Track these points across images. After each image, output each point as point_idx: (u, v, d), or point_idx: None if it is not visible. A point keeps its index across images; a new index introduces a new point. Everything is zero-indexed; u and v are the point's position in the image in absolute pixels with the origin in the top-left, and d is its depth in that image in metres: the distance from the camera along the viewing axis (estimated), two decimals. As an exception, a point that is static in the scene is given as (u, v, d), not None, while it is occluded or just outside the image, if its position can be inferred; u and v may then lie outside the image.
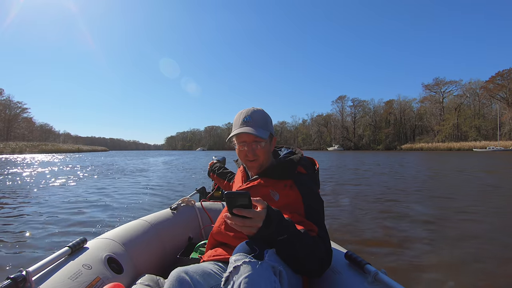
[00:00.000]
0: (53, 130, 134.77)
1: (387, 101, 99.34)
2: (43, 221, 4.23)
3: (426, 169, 14.06)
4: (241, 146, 1.25)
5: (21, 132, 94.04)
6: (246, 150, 1.24)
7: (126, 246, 1.52)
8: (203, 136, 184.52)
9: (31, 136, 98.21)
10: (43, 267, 1.10)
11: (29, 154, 50.85)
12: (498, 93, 71.46)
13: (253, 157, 1.24)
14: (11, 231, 3.78)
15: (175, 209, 2.08)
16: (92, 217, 4.52)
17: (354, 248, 3.14)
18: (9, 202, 5.92)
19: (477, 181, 9.15)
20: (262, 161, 1.27)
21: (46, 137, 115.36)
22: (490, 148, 56.05)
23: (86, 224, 4.11)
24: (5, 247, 3.15)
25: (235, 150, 1.30)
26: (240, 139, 1.25)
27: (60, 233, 3.70)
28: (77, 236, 1.53)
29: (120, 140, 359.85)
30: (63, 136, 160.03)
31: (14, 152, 58.63)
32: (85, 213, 4.81)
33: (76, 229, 3.89)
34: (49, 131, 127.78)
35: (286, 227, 0.98)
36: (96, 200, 6.19)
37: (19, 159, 30.59)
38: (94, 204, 5.61)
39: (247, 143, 1.24)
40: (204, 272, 1.03)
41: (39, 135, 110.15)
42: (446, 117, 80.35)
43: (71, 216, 4.57)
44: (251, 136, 1.21)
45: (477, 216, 4.54)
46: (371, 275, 1.06)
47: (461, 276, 2.54)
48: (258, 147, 1.23)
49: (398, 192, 7.03)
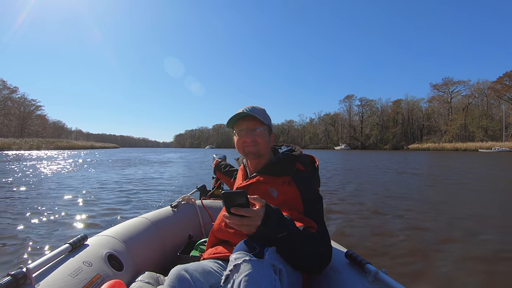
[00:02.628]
0: (66, 127, 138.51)
1: (395, 101, 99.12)
2: (45, 218, 4.26)
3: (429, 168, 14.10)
4: (240, 134, 1.27)
5: (35, 129, 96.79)
6: (245, 135, 1.26)
7: (126, 244, 1.53)
8: (211, 134, 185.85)
9: (44, 133, 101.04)
10: (44, 264, 1.11)
11: (46, 151, 52.53)
12: (505, 93, 70.77)
13: (252, 142, 1.25)
14: (11, 228, 3.76)
15: (176, 207, 2.09)
16: (93, 213, 4.57)
17: (355, 247, 3.10)
18: (17, 197, 6.05)
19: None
20: (261, 149, 1.27)
21: (58, 134, 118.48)
22: (495, 149, 55.66)
23: (87, 221, 4.12)
24: (6, 244, 3.15)
25: (233, 148, 1.28)
26: (239, 127, 1.27)
27: (61, 229, 3.70)
28: (78, 233, 1.57)
29: (130, 138, 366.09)
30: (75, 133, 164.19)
31: (32, 148, 60.21)
32: (88, 209, 4.89)
33: (77, 226, 3.89)
34: (61, 128, 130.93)
35: (285, 224, 0.98)
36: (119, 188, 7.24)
37: (43, 155, 32.70)
38: (104, 198, 5.84)
39: (246, 130, 1.26)
40: (204, 270, 1.04)
41: (52, 132, 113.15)
42: (454, 117, 79.86)
43: (74, 212, 4.65)
44: (251, 121, 1.25)
45: (481, 218, 4.51)
46: (371, 274, 1.05)
47: (463, 276, 2.51)
48: (257, 132, 1.25)
49: (399, 192, 7.03)
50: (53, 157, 27.24)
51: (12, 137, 76.11)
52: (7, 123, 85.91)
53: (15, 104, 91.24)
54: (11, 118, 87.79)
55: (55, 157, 27.15)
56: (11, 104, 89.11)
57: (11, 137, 75.89)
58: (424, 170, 13.89)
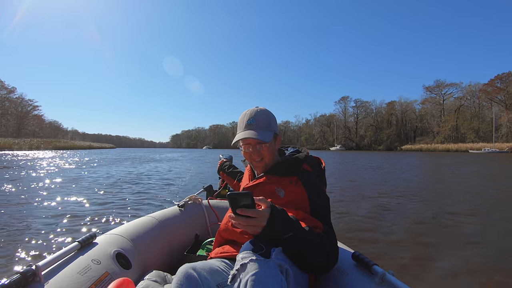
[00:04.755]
0: (62, 127, 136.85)
1: (389, 102, 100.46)
2: (54, 216, 4.32)
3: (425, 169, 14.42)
4: (246, 148, 1.28)
5: (32, 129, 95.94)
6: (251, 151, 1.27)
7: (134, 242, 1.54)
8: (207, 134, 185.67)
9: (41, 133, 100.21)
10: (53, 262, 1.11)
11: (47, 151, 52.74)
12: (496, 95, 72.43)
13: (258, 157, 1.27)
14: (21, 226, 3.80)
15: (183, 206, 2.10)
16: (102, 212, 4.64)
17: (361, 248, 3.11)
18: (25, 196, 6.10)
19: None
20: (268, 161, 1.29)
21: (55, 134, 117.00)
22: (485, 150, 56.67)
23: (96, 220, 4.16)
24: (16, 242, 3.18)
25: (239, 149, 1.31)
26: (245, 142, 1.28)
27: (71, 228, 3.73)
28: (87, 232, 1.47)
29: (126, 138, 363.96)
30: (71, 133, 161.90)
31: (31, 148, 60.00)
32: (96, 208, 4.94)
33: (86, 224, 3.92)
34: (58, 128, 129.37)
35: (291, 225, 0.98)
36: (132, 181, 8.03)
37: (45, 155, 33.10)
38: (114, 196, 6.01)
39: (251, 145, 1.26)
40: (211, 269, 1.04)
41: (49, 132, 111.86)
42: (446, 119, 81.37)
43: (83, 211, 4.70)
44: (255, 140, 1.24)
45: (488, 220, 4.51)
46: (378, 276, 1.05)
47: (470, 278, 2.50)
48: (262, 147, 1.26)
49: (404, 192, 7.08)
50: (57, 156, 28.18)
51: (9, 137, 75.43)
52: (4, 123, 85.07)
53: (13, 104, 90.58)
54: (8, 118, 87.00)
55: (60, 157, 27.90)
56: (8, 104, 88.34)
57: (9, 137, 75.23)
58: (422, 171, 14.04)
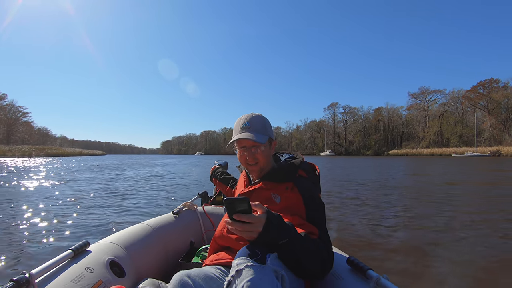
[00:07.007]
0: (50, 134, 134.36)
1: (376, 109, 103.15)
2: (47, 224, 4.25)
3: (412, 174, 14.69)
4: (242, 151, 1.28)
5: (21, 136, 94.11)
6: (246, 154, 1.27)
7: (128, 250, 1.52)
8: (199, 140, 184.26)
9: (30, 139, 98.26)
10: (46, 270, 1.10)
11: (40, 158, 51.66)
12: (479, 101, 75.63)
13: (253, 161, 1.27)
14: (15, 233, 3.75)
15: (177, 213, 2.08)
16: (95, 220, 4.56)
17: (356, 253, 3.10)
18: (16, 203, 6.00)
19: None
20: (263, 165, 1.29)
21: (44, 141, 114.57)
22: (467, 154, 58.59)
23: (89, 227, 4.09)
24: (9, 250, 3.13)
25: (232, 155, 1.31)
26: (240, 144, 1.29)
27: (63, 236, 3.69)
28: (80, 239, 1.49)
29: (116, 144, 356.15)
30: (60, 139, 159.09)
31: (24, 155, 58.90)
32: (90, 215, 4.86)
33: (79, 232, 3.87)
34: (46, 135, 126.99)
35: (287, 230, 0.98)
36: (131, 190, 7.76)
37: (39, 162, 32.22)
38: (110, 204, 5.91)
39: (247, 148, 1.27)
40: (206, 276, 1.04)
41: (38, 138, 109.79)
42: (430, 124, 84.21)
43: (75, 219, 4.59)
44: (250, 141, 1.24)
45: (486, 222, 4.54)
46: (373, 280, 1.05)
47: (465, 283, 2.50)
48: (257, 151, 1.26)
49: (399, 197, 7.14)
50: (50, 163, 28.28)
51: (-1, 144, 74.81)
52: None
53: (3, 111, 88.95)
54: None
55: (54, 163, 27.79)
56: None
57: (-1, 144, 74.54)
58: (416, 178, 13.98)
